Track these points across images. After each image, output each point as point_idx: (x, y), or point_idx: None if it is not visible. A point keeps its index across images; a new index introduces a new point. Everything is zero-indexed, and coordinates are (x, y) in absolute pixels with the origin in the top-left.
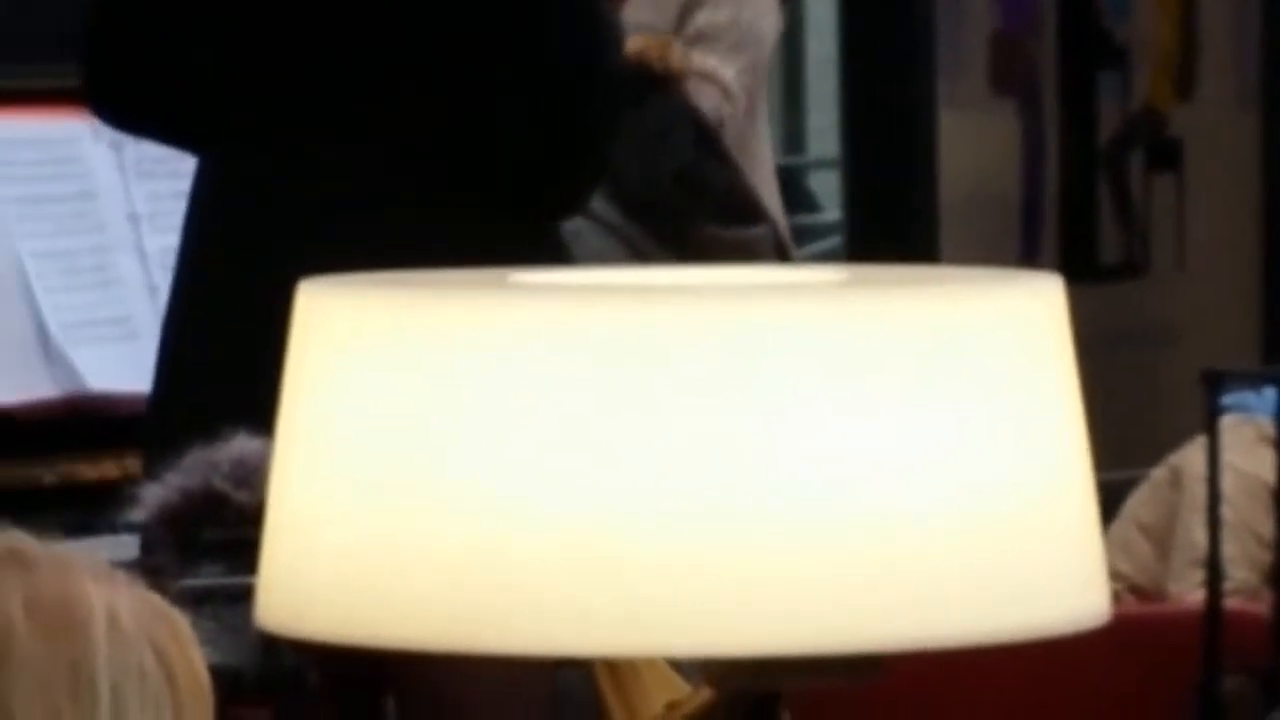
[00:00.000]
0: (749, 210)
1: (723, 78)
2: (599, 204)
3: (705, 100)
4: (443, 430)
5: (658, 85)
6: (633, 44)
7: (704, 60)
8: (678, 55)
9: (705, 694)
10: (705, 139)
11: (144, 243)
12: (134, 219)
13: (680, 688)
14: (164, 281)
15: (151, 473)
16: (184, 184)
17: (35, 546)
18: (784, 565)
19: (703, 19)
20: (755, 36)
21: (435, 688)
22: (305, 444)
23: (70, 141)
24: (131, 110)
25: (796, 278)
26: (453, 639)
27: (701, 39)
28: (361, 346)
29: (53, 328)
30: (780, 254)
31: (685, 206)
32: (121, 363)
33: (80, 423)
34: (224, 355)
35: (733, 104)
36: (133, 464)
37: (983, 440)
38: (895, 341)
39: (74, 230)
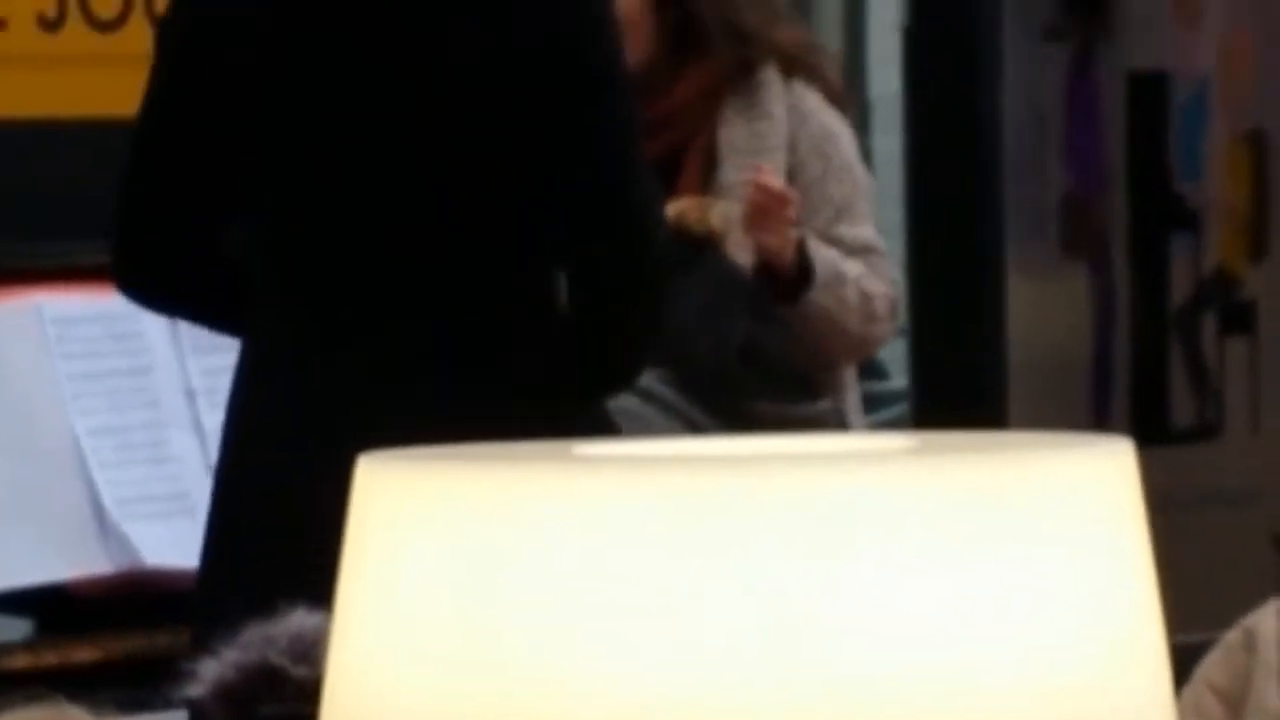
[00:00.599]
0: (810, 385)
1: (892, 290)
2: (658, 385)
3: (880, 308)
4: (508, 604)
5: (700, 248)
6: (671, 208)
7: (873, 280)
8: (719, 215)
9: None
10: (758, 303)
11: (200, 418)
12: (190, 394)
13: None
14: None
15: (200, 646)
16: None
17: None
18: None
19: (848, 233)
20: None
21: None
22: (366, 620)
23: (126, 317)
24: (161, 295)
25: (865, 445)
26: None
27: (860, 252)
28: (423, 520)
29: (108, 503)
30: (843, 426)
31: (748, 383)
32: (177, 538)
33: (136, 598)
34: (274, 528)
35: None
36: (189, 640)
37: (1054, 605)
38: (964, 508)
39: (130, 406)
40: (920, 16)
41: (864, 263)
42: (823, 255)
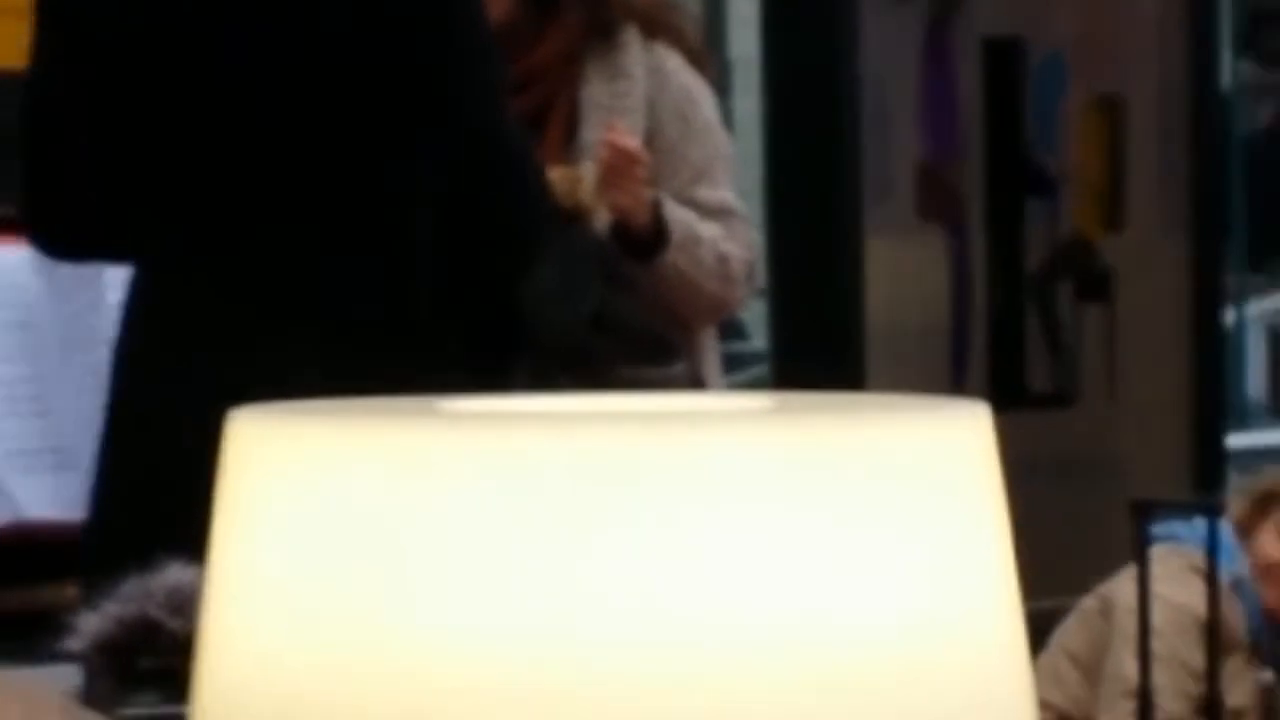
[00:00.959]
0: (664, 348)
1: (749, 253)
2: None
3: (736, 270)
4: (376, 560)
5: (568, 220)
6: None
7: (730, 243)
8: (588, 189)
9: None
10: (614, 273)
11: (82, 371)
12: (71, 345)
13: None
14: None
15: (90, 600)
16: None
17: None
18: (707, 691)
19: (706, 196)
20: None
21: None
22: (236, 575)
23: (7, 270)
24: (74, 239)
25: (722, 405)
26: None
27: (718, 214)
28: (291, 476)
29: None
30: (698, 388)
31: (603, 350)
32: (59, 491)
33: (17, 551)
34: (157, 480)
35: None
36: (70, 592)
37: (908, 569)
38: (819, 469)
39: (10, 359)
40: None
41: (721, 225)
42: (678, 216)
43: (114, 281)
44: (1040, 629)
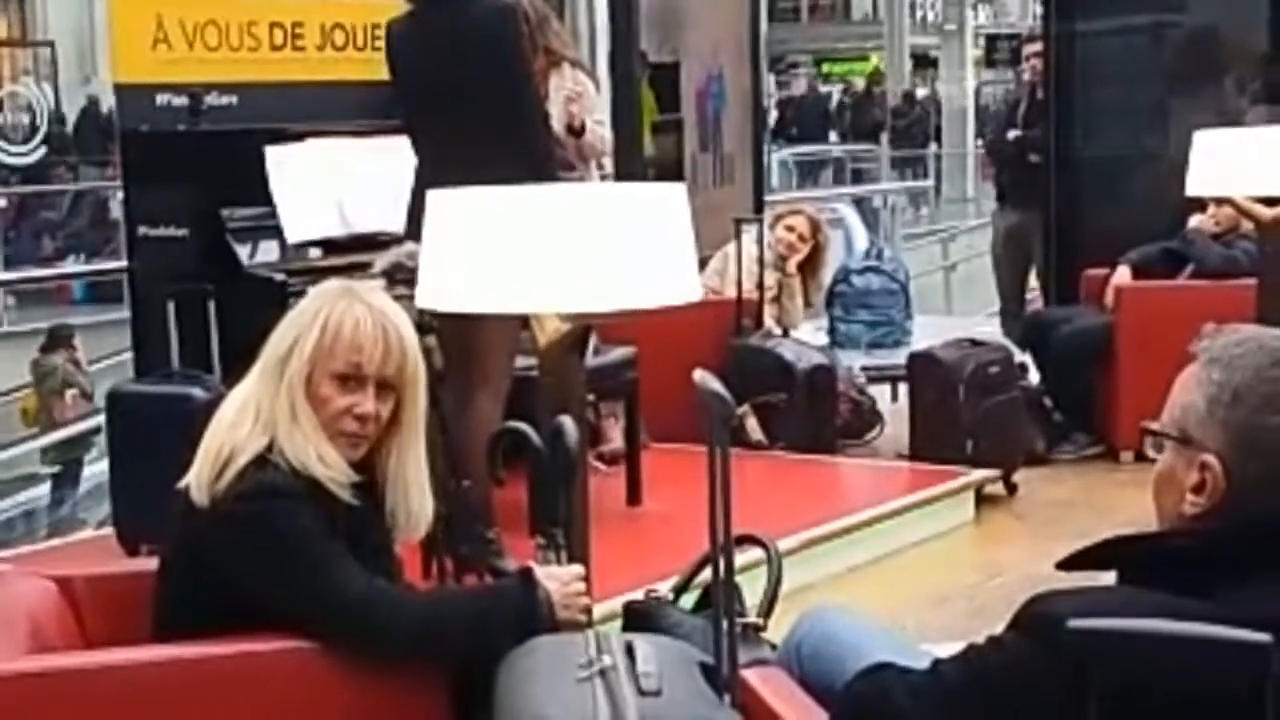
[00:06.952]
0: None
1: (608, 136)
2: None
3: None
4: None
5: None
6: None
7: (601, 129)
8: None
9: (569, 327)
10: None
11: None
12: None
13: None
14: None
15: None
16: None
17: None
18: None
19: (596, 116)
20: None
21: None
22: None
23: None
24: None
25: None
26: None
27: (599, 123)
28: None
29: None
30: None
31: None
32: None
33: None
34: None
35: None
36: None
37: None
38: None
39: None
40: None
41: (600, 126)
42: (589, 124)
43: None
44: None
